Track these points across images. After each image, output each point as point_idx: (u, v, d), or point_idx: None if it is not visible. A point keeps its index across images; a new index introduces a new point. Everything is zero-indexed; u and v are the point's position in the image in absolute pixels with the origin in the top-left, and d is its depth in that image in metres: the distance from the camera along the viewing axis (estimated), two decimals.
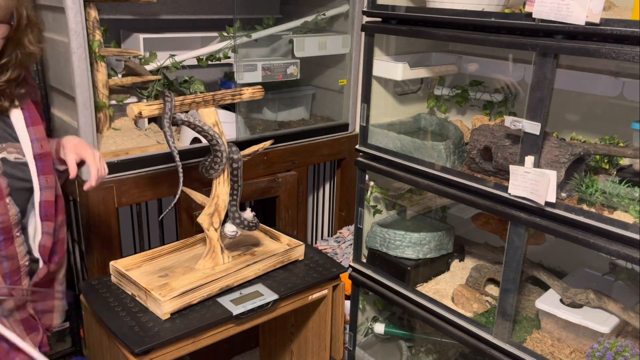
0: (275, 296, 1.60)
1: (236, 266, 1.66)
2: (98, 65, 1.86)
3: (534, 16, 1.32)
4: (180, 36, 2.16)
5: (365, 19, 1.80)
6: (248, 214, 1.68)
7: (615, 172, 1.52)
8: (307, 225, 2.54)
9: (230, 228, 1.67)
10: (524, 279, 1.67)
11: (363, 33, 1.81)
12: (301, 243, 1.82)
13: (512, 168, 1.44)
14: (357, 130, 2.14)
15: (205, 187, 1.82)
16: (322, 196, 2.65)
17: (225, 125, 1.71)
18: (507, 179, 1.47)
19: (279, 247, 1.82)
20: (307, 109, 2.47)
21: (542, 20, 1.31)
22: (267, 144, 1.78)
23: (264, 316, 1.62)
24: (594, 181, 1.41)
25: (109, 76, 1.92)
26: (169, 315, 1.48)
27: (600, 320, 1.49)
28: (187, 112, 1.58)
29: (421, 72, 1.88)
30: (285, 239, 1.86)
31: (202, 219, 1.64)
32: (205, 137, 1.58)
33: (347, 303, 2.06)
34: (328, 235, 2.66)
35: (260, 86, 1.72)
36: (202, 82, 2.05)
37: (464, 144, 1.74)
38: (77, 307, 2.10)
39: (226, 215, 1.67)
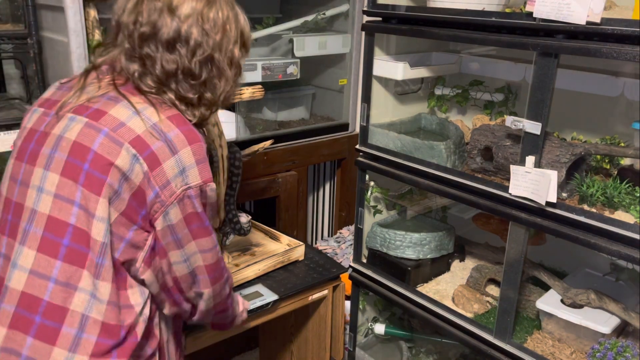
0: (275, 297, 1.60)
1: (236, 266, 1.65)
2: None
3: (534, 16, 1.32)
4: None
5: (366, 18, 1.80)
6: (244, 218, 1.67)
7: (616, 172, 1.52)
8: (307, 225, 2.53)
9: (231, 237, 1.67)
10: (524, 279, 1.67)
11: (363, 32, 1.81)
12: (301, 243, 1.81)
13: (513, 168, 1.44)
14: (357, 130, 2.13)
15: None
16: (322, 196, 2.64)
17: (225, 125, 1.71)
18: (508, 179, 1.47)
19: (279, 247, 1.82)
20: (307, 108, 2.46)
21: (543, 20, 1.31)
22: (267, 143, 1.78)
23: (263, 316, 1.61)
24: (595, 181, 1.41)
25: None
26: None
27: (601, 320, 1.49)
28: None
29: (421, 72, 1.87)
30: (285, 239, 1.85)
31: None
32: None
33: (347, 303, 2.05)
34: (328, 236, 2.66)
35: (260, 86, 1.71)
36: None
37: (465, 143, 1.74)
38: None
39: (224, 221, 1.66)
